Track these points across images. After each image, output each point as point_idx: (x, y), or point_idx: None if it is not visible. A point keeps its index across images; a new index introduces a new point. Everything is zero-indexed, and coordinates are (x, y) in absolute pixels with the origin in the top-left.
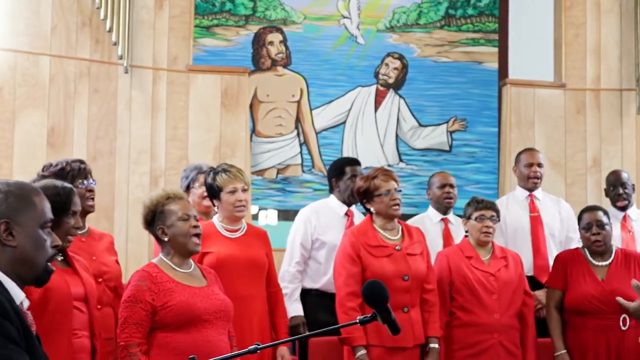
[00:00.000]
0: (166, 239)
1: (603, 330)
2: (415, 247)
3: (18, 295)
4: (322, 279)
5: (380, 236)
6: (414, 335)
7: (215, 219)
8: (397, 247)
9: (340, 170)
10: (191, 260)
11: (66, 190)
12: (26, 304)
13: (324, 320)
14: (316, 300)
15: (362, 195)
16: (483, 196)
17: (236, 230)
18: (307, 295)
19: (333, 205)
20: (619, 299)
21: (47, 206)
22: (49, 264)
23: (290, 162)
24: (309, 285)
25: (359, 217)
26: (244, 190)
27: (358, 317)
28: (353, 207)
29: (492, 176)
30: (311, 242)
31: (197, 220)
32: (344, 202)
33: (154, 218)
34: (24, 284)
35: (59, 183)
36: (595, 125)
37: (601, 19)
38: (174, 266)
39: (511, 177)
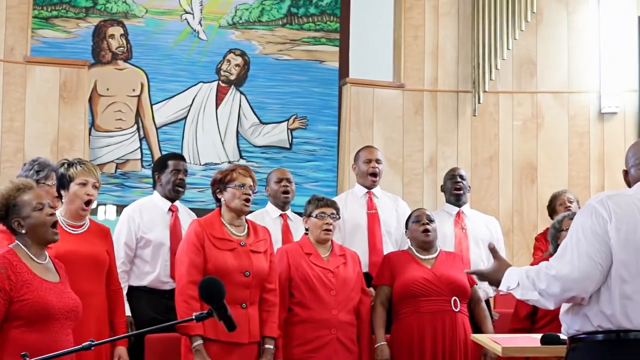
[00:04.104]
0: (23, 231)
1: (434, 313)
2: (259, 245)
3: None
4: (149, 277)
5: (226, 230)
6: (250, 332)
7: (58, 214)
8: (241, 243)
9: (163, 164)
10: (46, 252)
11: None
12: None
13: (152, 317)
14: (143, 297)
15: (216, 185)
16: (322, 194)
17: (79, 227)
18: (134, 292)
19: (156, 201)
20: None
21: None
22: None
23: (129, 157)
24: (135, 283)
25: (183, 211)
26: (95, 187)
27: (194, 314)
28: (177, 202)
29: (331, 174)
30: (135, 241)
31: (52, 207)
32: (166, 197)
33: (7, 212)
34: None
35: None
36: (432, 125)
37: (439, 22)
38: (31, 256)
39: (350, 176)
